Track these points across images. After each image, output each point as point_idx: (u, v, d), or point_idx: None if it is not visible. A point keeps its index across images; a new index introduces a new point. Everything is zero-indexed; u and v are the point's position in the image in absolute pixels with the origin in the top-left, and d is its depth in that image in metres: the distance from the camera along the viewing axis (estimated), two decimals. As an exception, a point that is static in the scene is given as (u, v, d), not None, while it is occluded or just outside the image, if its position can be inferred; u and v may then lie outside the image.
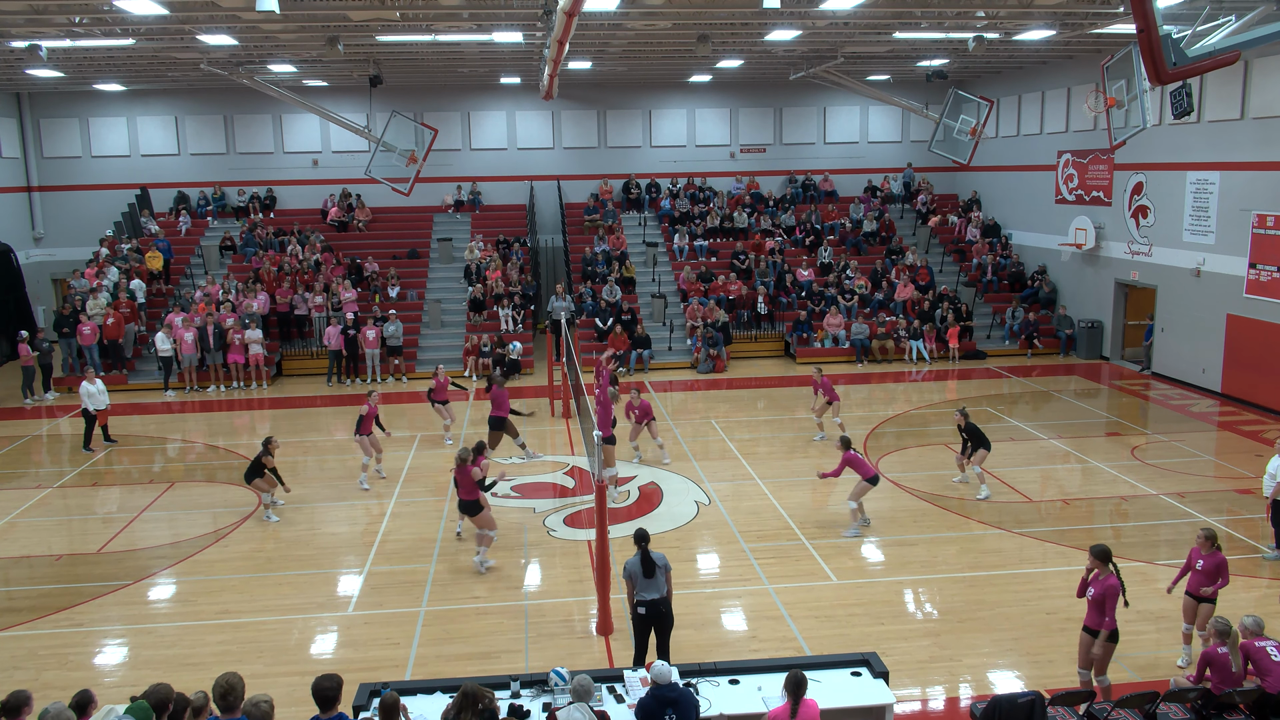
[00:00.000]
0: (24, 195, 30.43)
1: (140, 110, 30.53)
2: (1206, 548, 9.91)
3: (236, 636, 11.10)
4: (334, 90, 29.52)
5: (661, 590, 9.53)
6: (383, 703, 7.16)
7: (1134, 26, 12.44)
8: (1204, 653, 8.54)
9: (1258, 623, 8.60)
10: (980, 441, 15.37)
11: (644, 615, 9.51)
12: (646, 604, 9.48)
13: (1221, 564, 9.87)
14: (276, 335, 25.90)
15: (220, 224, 30.48)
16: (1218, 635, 8.47)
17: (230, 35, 19.27)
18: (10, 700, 6.97)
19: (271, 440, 14.80)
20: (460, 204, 31.67)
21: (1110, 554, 9.10)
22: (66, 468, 18.05)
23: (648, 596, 9.48)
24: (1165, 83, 12.22)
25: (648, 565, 9.45)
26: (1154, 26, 11.97)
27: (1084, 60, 25.17)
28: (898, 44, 22.71)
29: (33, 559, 13.64)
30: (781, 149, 32.80)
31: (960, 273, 29.81)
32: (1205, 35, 13.98)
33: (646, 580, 9.47)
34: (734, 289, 27.69)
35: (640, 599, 9.50)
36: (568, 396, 20.79)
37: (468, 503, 12.79)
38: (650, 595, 9.49)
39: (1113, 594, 8.87)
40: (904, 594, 12.00)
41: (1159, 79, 11.86)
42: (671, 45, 22.56)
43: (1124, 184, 24.56)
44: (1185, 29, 13.89)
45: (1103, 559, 9.03)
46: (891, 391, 23.13)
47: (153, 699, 6.88)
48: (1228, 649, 8.32)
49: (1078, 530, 13.94)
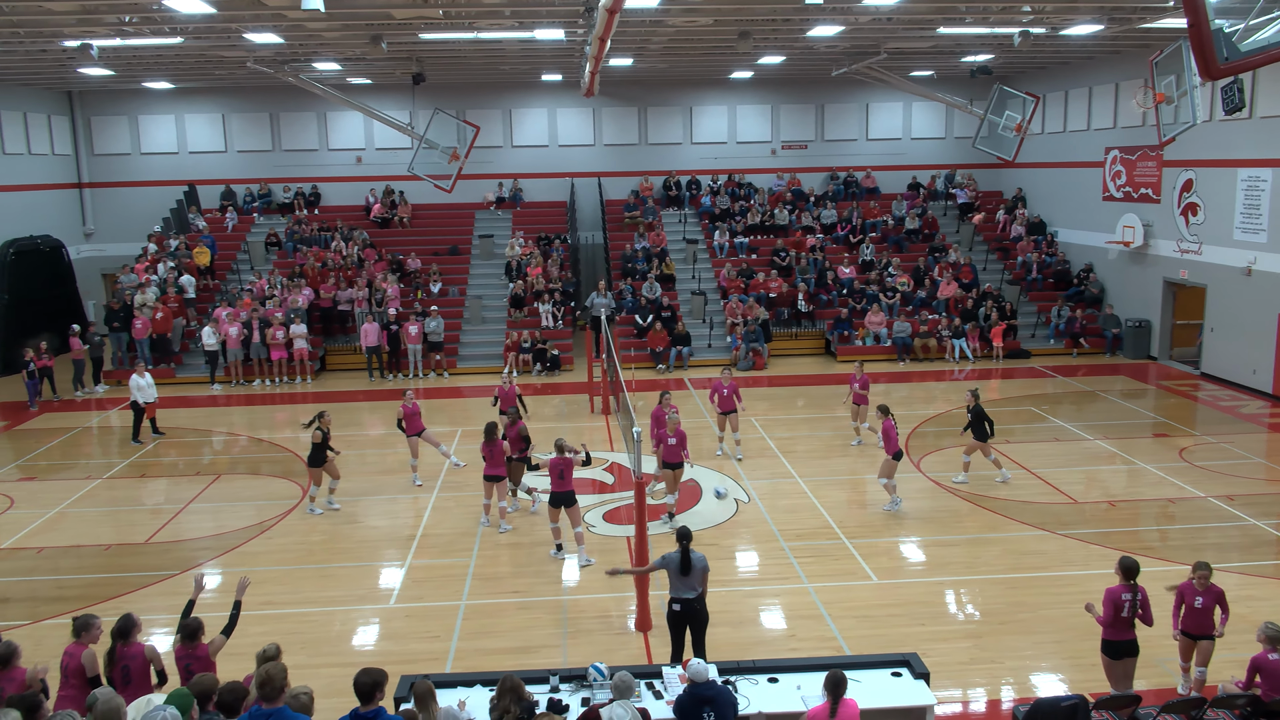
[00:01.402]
0: (75, 192, 31.03)
1: (188, 108, 31.01)
2: (1203, 582, 9.22)
3: (279, 627, 11.24)
4: (377, 88, 29.79)
5: (696, 590, 9.52)
6: (414, 690, 7.26)
7: (1184, 21, 12.21)
8: (1254, 659, 8.37)
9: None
10: (980, 430, 15.45)
11: (679, 613, 9.53)
12: (681, 602, 9.50)
13: (1220, 596, 9.25)
14: (320, 331, 26.20)
15: (266, 220, 30.90)
16: (1268, 641, 8.30)
17: (275, 34, 19.49)
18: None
19: (323, 415, 14.91)
20: (501, 201, 31.83)
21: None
22: (115, 459, 18.39)
23: (683, 595, 9.50)
24: (1216, 78, 11.98)
25: (685, 564, 9.46)
26: (1205, 21, 11.73)
27: (1132, 55, 24.76)
28: (941, 39, 22.48)
29: (82, 549, 13.92)
30: (823, 145, 32.61)
31: (1004, 271, 29.47)
32: (1258, 29, 13.67)
33: (683, 579, 9.48)
34: (774, 286, 27.58)
35: (676, 597, 9.53)
36: (607, 393, 20.82)
37: (564, 494, 12.84)
38: (686, 594, 9.50)
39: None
40: (944, 595, 11.90)
41: (1210, 74, 11.62)
42: (713, 42, 22.50)
43: (1173, 181, 24.14)
44: (1237, 23, 13.59)
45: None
46: (932, 391, 22.92)
47: (196, 689, 6.97)
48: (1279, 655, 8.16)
49: (1122, 532, 13.74)
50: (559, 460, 12.87)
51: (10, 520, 15.06)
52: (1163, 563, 12.54)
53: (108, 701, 6.45)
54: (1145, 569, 12.24)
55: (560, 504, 12.88)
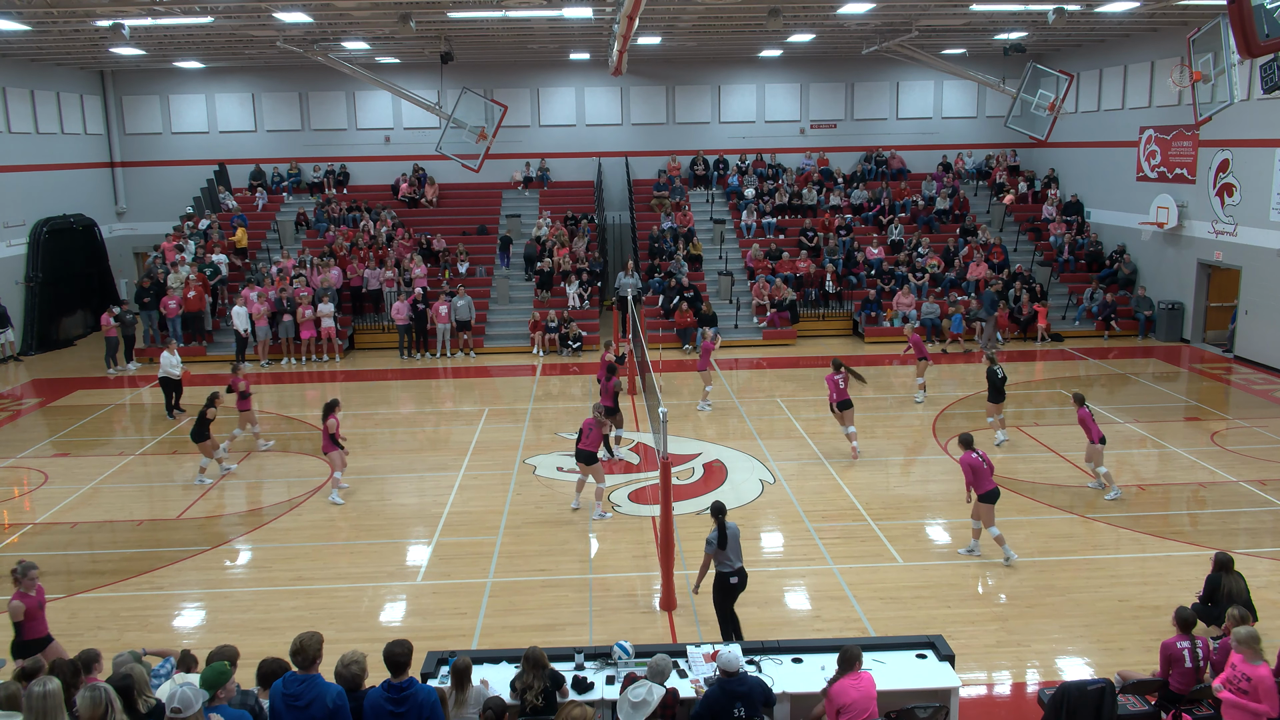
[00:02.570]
0: (107, 171, 31.32)
1: (218, 87, 31.18)
2: (1253, 656, 7.42)
3: (309, 603, 11.38)
4: (406, 67, 29.82)
5: (740, 558, 9.81)
6: (454, 667, 7.34)
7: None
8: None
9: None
10: (997, 394, 16.44)
11: (736, 585, 9.76)
12: (737, 573, 9.76)
13: (1271, 687, 7.35)
14: (349, 310, 26.35)
15: (295, 200, 31.07)
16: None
17: (305, 13, 19.54)
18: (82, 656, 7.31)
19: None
20: (529, 180, 31.82)
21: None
22: (147, 436, 18.62)
23: (735, 565, 9.76)
24: (1256, 55, 11.76)
25: (723, 537, 9.68)
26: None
27: (1169, 33, 24.35)
28: (974, 16, 22.19)
29: (115, 524, 14.12)
30: (852, 125, 32.35)
31: (1036, 252, 29.16)
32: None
33: (725, 552, 9.71)
34: (802, 267, 27.45)
35: (730, 570, 9.74)
36: (633, 373, 20.83)
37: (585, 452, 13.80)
38: (738, 563, 9.78)
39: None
40: (971, 577, 11.85)
41: (1249, 51, 11.40)
42: (742, 19, 22.34)
43: (1209, 161, 23.76)
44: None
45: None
46: (961, 372, 22.76)
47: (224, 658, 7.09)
48: None
49: (1152, 516, 13.62)
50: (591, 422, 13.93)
51: (45, 495, 15.30)
52: (1193, 547, 12.42)
53: (131, 667, 6.57)
54: (1175, 554, 12.26)
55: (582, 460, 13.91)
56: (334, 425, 14.42)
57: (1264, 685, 7.25)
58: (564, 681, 7.65)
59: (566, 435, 17.73)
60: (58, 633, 10.45)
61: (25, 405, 21.09)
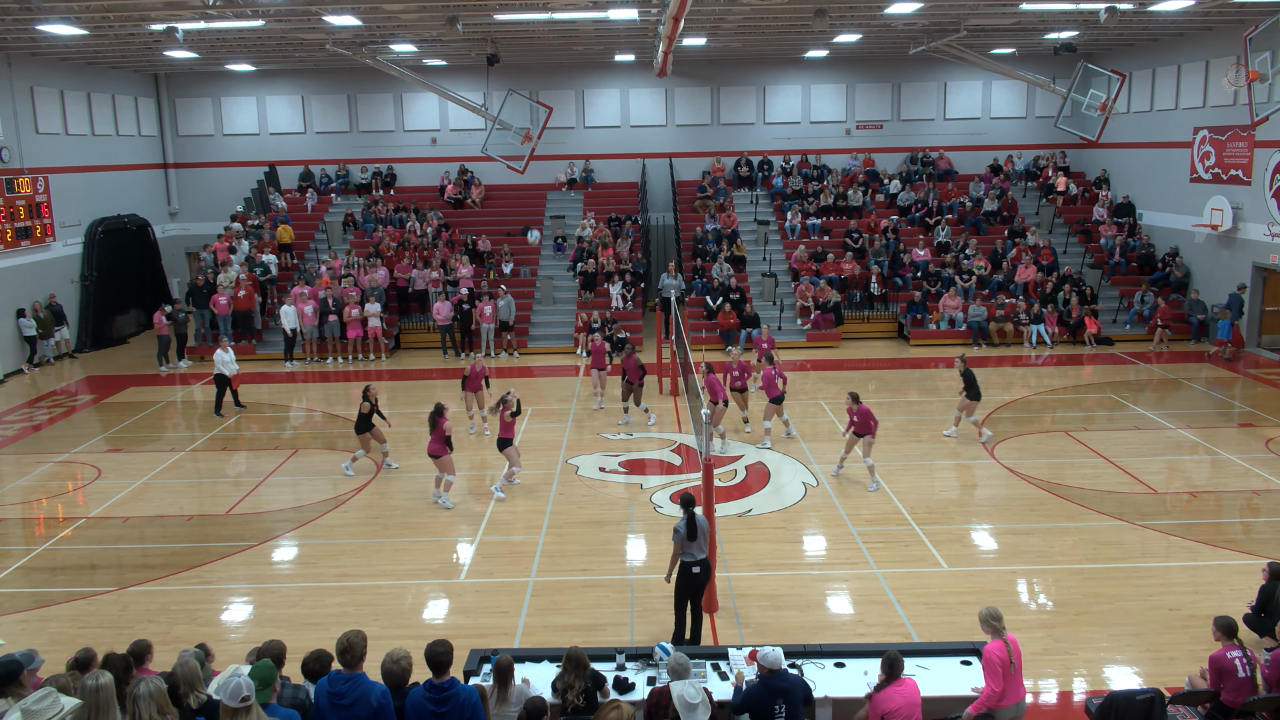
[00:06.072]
0: (160, 172, 31.91)
1: (269, 90, 31.64)
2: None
3: (354, 599, 11.50)
4: (452, 69, 30.04)
5: (704, 550, 9.93)
6: (497, 665, 7.37)
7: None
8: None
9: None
10: (973, 391, 16.61)
11: (698, 575, 9.88)
12: (700, 564, 9.88)
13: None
14: (395, 309, 26.60)
15: (343, 200, 31.44)
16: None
17: (354, 16, 19.76)
18: (133, 648, 7.38)
19: (369, 388, 15.62)
20: (573, 182, 31.93)
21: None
22: (198, 433, 18.93)
23: (700, 556, 9.89)
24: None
25: (692, 529, 9.81)
26: (1304, -6, 11.26)
27: (1224, 31, 23.86)
28: (1024, 16, 21.91)
29: (166, 519, 14.37)
30: (899, 125, 32.08)
31: (1086, 254, 28.71)
32: (1362, 3, 13.11)
33: (691, 543, 9.85)
34: (847, 268, 27.27)
35: (694, 560, 9.86)
36: (676, 374, 20.82)
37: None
38: (701, 555, 9.89)
39: None
40: (1017, 584, 11.70)
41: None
42: (787, 20, 22.23)
43: (1265, 162, 23.24)
44: (1339, -4, 13.06)
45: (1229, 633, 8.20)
46: (1009, 376, 22.47)
47: (272, 654, 7.14)
48: None
49: (1204, 524, 13.36)
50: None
51: (98, 490, 15.62)
52: (1246, 556, 12.17)
53: (185, 664, 6.67)
54: (1228, 563, 12.02)
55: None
56: (448, 428, 14.21)
57: None
58: (605, 682, 7.67)
59: (609, 436, 17.77)
60: (108, 625, 10.68)
61: (80, 401, 21.54)
